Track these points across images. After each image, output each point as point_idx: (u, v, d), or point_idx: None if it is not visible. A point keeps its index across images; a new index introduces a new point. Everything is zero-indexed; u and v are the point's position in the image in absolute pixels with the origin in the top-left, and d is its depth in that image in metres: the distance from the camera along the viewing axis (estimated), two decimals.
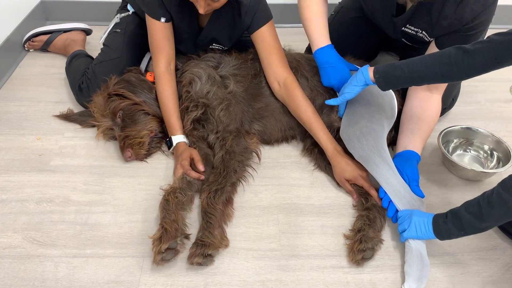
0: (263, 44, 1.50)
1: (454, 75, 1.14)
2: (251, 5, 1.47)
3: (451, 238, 1.12)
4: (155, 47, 1.52)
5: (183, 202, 1.28)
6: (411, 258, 1.17)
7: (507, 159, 1.45)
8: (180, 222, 1.22)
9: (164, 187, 1.34)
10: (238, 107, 1.50)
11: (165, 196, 1.28)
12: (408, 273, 1.15)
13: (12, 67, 1.94)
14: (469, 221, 1.05)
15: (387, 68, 1.23)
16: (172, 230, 1.17)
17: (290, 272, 1.18)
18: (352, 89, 1.32)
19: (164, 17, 1.47)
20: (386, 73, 1.23)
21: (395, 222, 1.27)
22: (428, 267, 1.16)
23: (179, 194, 1.28)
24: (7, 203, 1.34)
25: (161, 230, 1.17)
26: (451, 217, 1.09)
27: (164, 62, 1.51)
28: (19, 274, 1.15)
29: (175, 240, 1.16)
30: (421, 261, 1.16)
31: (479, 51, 1.08)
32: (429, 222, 1.14)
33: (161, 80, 1.50)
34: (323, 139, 1.42)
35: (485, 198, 1.03)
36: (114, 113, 1.48)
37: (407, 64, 1.19)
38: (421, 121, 1.40)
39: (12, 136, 1.58)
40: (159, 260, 1.14)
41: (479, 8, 1.24)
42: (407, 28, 1.44)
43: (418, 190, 1.29)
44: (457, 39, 1.33)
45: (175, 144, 1.45)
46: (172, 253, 1.16)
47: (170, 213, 1.22)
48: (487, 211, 1.02)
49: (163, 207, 1.25)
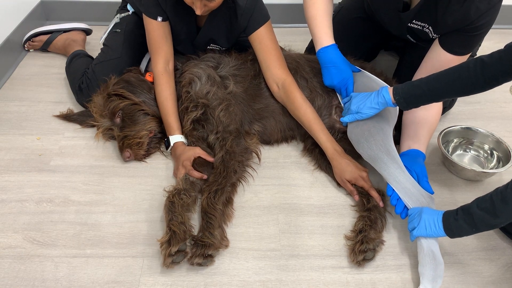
0: (260, 46, 1.50)
1: (476, 87, 1.14)
2: (247, 7, 1.46)
3: (462, 235, 1.10)
4: (153, 47, 1.52)
5: (188, 204, 1.27)
6: (423, 258, 1.15)
7: (507, 159, 1.45)
8: (187, 223, 1.22)
9: (167, 188, 1.33)
10: (238, 108, 1.50)
11: (169, 198, 1.26)
12: (422, 274, 1.14)
13: (12, 67, 1.94)
14: (482, 217, 1.03)
15: (407, 88, 1.24)
16: (180, 232, 1.16)
17: (290, 272, 1.18)
18: (371, 111, 1.33)
19: (161, 16, 1.47)
20: (406, 94, 1.24)
21: (404, 218, 1.27)
22: (441, 265, 1.14)
23: (184, 196, 1.27)
24: (7, 203, 1.34)
25: (169, 233, 1.16)
26: (462, 214, 1.07)
27: (162, 62, 1.51)
28: (19, 274, 1.15)
29: (184, 242, 1.15)
30: (434, 260, 1.14)
31: (498, 61, 1.07)
32: (439, 220, 1.12)
33: (159, 80, 1.50)
34: (323, 140, 1.42)
35: (499, 193, 1.01)
36: (113, 113, 1.48)
37: (427, 82, 1.20)
38: (424, 121, 1.40)
39: (12, 136, 1.58)
40: (170, 263, 1.13)
41: (485, 6, 1.24)
42: (413, 24, 1.44)
43: (428, 186, 1.29)
44: (460, 38, 1.33)
45: (173, 144, 1.45)
46: (182, 256, 1.15)
47: (177, 215, 1.21)
48: (501, 207, 1.00)
49: (168, 209, 1.23)
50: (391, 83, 1.57)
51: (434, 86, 1.18)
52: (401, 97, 1.24)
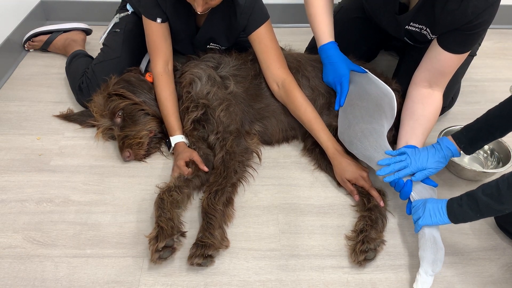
0: (260, 45, 1.50)
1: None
2: (246, 6, 1.46)
3: (466, 221, 1.10)
4: (152, 48, 1.52)
5: (178, 200, 1.28)
6: (424, 243, 1.16)
7: (507, 159, 1.45)
8: (175, 220, 1.23)
9: (160, 185, 1.34)
10: (239, 108, 1.50)
11: (160, 195, 1.28)
12: (422, 257, 1.15)
13: (12, 67, 1.94)
14: (487, 203, 1.03)
15: (467, 132, 1.26)
16: (168, 228, 1.18)
17: (290, 272, 1.18)
18: (438, 165, 1.28)
19: (160, 18, 1.47)
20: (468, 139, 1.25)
21: (409, 213, 1.27)
22: (442, 250, 1.15)
23: (175, 193, 1.29)
24: (7, 203, 1.34)
25: (157, 229, 1.18)
26: (467, 199, 1.07)
27: (162, 62, 1.51)
28: (19, 274, 1.15)
29: (171, 238, 1.16)
30: (435, 245, 1.15)
31: None
32: (443, 207, 1.12)
33: (159, 81, 1.50)
34: (324, 139, 1.42)
35: (505, 179, 1.01)
36: (113, 113, 1.48)
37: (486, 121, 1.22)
38: (422, 118, 1.40)
39: (12, 136, 1.58)
40: (157, 259, 1.14)
41: (482, 5, 1.24)
42: (411, 26, 1.44)
43: (430, 180, 1.29)
44: (459, 37, 1.33)
45: (174, 145, 1.45)
46: (169, 251, 1.16)
47: (166, 211, 1.23)
48: (507, 193, 1.00)
49: (158, 205, 1.25)
50: (391, 83, 1.57)
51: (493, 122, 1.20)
52: (466, 145, 1.26)
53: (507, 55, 2.18)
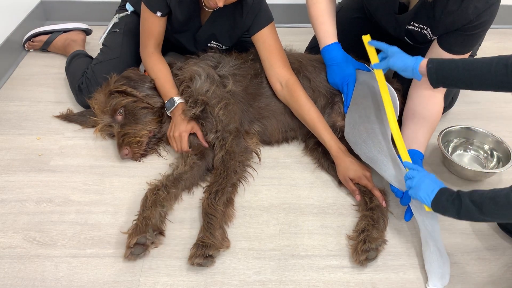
0: (264, 45, 1.51)
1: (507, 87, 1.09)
2: (254, 6, 1.48)
3: (444, 215, 1.08)
4: (145, 34, 1.54)
5: (162, 199, 1.29)
6: (430, 256, 1.16)
7: (507, 159, 1.45)
8: (153, 218, 1.24)
9: (151, 181, 1.35)
10: (237, 107, 1.49)
11: (146, 193, 1.30)
12: (430, 271, 1.15)
13: (12, 67, 1.93)
14: (469, 208, 1.01)
15: (443, 59, 1.17)
16: (142, 226, 1.20)
17: (290, 272, 1.18)
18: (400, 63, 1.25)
19: (161, 12, 1.47)
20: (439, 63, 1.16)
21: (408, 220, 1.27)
22: (448, 262, 1.16)
23: (161, 192, 1.30)
24: (7, 203, 1.34)
25: (133, 226, 1.21)
26: (456, 197, 1.05)
27: (153, 45, 1.53)
28: (19, 274, 1.15)
29: (143, 236, 1.18)
30: (440, 258, 1.15)
31: None
32: (434, 191, 1.09)
33: (150, 59, 1.53)
34: (327, 139, 1.42)
35: (492, 193, 1.00)
36: (114, 110, 1.48)
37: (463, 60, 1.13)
38: (423, 120, 1.40)
39: (12, 136, 1.58)
40: (128, 255, 1.17)
41: (483, 5, 1.24)
42: (411, 26, 1.44)
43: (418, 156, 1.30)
44: (459, 38, 1.33)
45: (177, 104, 1.46)
46: (141, 249, 1.18)
47: (146, 209, 1.25)
48: (489, 207, 0.99)
49: (142, 203, 1.28)
50: (392, 82, 1.57)
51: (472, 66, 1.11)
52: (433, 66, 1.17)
53: None
